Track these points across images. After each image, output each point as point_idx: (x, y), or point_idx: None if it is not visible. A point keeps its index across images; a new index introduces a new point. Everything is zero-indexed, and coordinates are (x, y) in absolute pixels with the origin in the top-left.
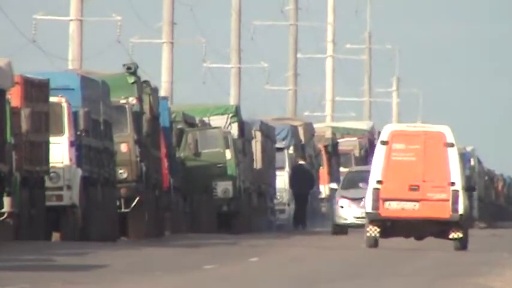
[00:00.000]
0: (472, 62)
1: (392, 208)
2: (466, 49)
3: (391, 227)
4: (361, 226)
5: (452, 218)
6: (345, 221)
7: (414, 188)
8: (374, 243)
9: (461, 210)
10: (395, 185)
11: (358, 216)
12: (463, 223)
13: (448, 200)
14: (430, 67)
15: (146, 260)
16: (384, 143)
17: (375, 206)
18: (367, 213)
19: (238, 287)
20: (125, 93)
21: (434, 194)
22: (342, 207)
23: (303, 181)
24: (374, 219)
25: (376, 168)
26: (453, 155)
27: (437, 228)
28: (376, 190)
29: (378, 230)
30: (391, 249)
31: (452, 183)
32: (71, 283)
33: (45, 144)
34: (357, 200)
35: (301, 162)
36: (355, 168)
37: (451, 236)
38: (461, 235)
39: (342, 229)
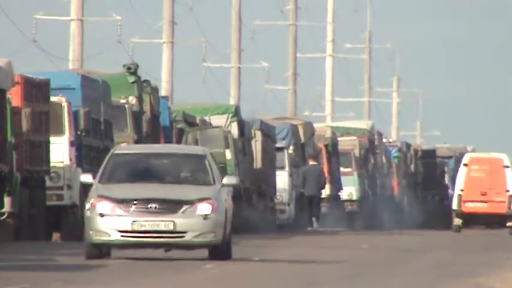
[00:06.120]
0: (472, 62)
1: (470, 206)
2: (466, 49)
3: (469, 219)
4: (132, 246)
5: (508, 213)
6: (106, 238)
7: (484, 194)
8: (458, 230)
9: None
10: (472, 191)
11: (126, 229)
12: None
13: (505, 202)
14: (430, 67)
15: (146, 260)
16: (465, 165)
17: (459, 205)
18: (454, 210)
19: (238, 287)
20: (125, 93)
21: (496, 197)
22: (102, 215)
23: (316, 182)
24: (458, 213)
25: (460, 181)
26: (509, 172)
27: (499, 219)
28: (460, 195)
29: (461, 221)
30: (391, 249)
31: (508, 191)
32: (71, 283)
33: (46, 144)
34: (126, 202)
35: (313, 162)
36: (121, 148)
37: (508, 225)
38: None
39: (100, 250)
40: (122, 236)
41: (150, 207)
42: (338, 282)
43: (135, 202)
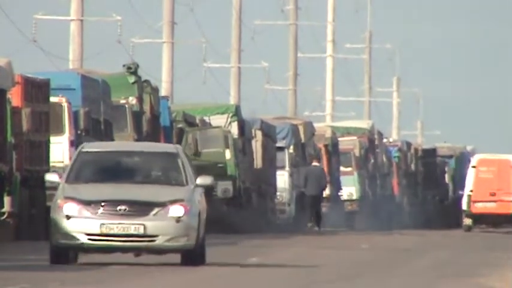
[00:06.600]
0: (472, 61)
1: (479, 207)
2: (466, 49)
3: (479, 218)
4: (100, 250)
5: None
6: (72, 242)
7: (492, 194)
8: (468, 229)
9: None
10: (481, 192)
11: (93, 233)
12: None
13: None
14: (430, 67)
15: (146, 260)
16: (473, 166)
17: (469, 206)
18: (464, 210)
19: (238, 287)
20: (125, 93)
21: (505, 197)
22: (68, 217)
23: (317, 182)
24: (468, 214)
25: (469, 182)
26: None
27: (507, 219)
28: (469, 196)
29: (471, 220)
30: (391, 249)
31: None
32: (70, 283)
33: (46, 143)
34: (94, 204)
35: (316, 163)
36: (89, 146)
37: None
38: None
39: (67, 254)
40: (89, 239)
41: (120, 209)
42: (338, 282)
43: (103, 204)
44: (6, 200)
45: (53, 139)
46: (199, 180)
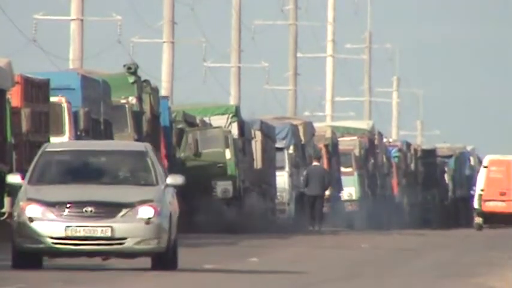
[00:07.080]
0: (472, 61)
1: (490, 206)
2: (466, 49)
3: (489, 217)
4: (65, 254)
5: None
6: (36, 246)
7: (503, 194)
8: (479, 228)
9: None
10: (492, 191)
11: (58, 236)
12: None
13: None
14: (430, 67)
15: (146, 260)
16: (485, 167)
17: (480, 205)
18: (475, 209)
19: (238, 287)
20: (125, 92)
21: None
22: (32, 219)
23: (319, 182)
24: (479, 212)
25: (480, 181)
26: None
27: None
28: (480, 195)
29: (481, 219)
30: (391, 249)
31: None
32: (71, 283)
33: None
34: (59, 205)
35: (316, 163)
36: (53, 145)
37: None
38: None
39: (30, 259)
40: (53, 243)
41: (86, 211)
42: (338, 282)
43: (68, 205)
44: (6, 200)
45: (53, 139)
46: (170, 180)
